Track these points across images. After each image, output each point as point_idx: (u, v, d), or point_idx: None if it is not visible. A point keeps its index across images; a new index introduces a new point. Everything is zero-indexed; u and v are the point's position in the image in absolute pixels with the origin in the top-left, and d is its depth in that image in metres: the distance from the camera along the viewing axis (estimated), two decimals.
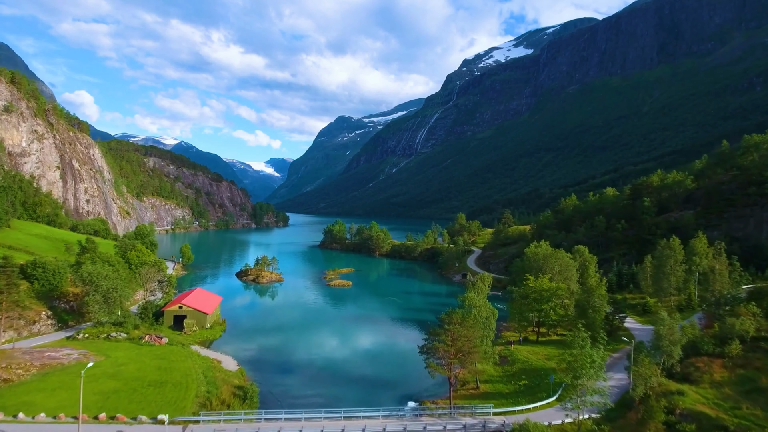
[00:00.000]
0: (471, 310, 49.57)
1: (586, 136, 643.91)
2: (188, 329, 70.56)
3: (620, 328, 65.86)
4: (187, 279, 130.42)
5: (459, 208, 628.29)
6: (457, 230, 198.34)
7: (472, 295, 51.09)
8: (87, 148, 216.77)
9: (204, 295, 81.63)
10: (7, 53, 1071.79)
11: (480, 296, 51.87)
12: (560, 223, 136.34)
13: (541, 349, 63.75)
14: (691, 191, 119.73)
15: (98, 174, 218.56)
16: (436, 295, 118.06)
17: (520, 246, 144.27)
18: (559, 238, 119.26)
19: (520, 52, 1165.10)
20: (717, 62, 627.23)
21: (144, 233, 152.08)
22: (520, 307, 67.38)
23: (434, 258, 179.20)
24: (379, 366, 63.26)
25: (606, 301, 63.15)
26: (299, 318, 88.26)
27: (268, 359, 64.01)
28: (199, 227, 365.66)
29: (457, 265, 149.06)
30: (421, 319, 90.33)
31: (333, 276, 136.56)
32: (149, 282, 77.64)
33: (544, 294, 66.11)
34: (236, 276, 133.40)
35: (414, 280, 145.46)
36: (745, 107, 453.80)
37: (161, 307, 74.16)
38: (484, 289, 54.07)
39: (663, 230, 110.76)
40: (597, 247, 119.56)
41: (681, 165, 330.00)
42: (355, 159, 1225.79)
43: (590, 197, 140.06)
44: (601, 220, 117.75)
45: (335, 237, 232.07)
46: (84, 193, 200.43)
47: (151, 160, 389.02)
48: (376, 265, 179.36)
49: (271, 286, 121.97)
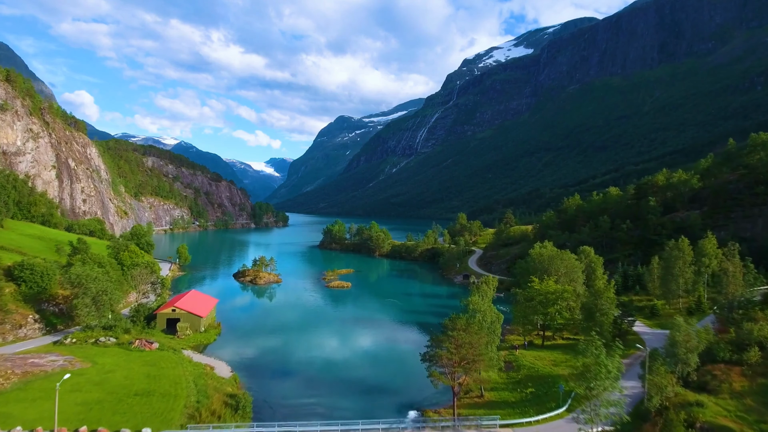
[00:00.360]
0: (475, 314, 47.03)
1: (587, 136, 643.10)
2: (181, 333, 68.11)
3: (629, 333, 63.43)
4: (184, 280, 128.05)
5: (459, 208, 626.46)
6: (458, 230, 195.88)
7: (477, 299, 48.44)
8: (84, 148, 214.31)
9: (199, 298, 79.16)
10: (7, 53, 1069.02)
11: (485, 300, 49.24)
12: (563, 223, 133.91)
13: (547, 354, 61.30)
14: (696, 191, 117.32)
15: (95, 173, 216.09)
16: (437, 296, 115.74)
17: (522, 246, 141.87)
18: (563, 239, 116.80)
19: (520, 52, 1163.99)
20: (718, 62, 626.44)
21: (140, 233, 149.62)
22: (525, 310, 64.87)
23: (435, 258, 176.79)
24: (378, 371, 60.85)
25: (614, 304, 60.66)
26: (297, 320, 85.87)
27: (263, 364, 61.56)
28: (198, 227, 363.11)
29: (459, 266, 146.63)
30: (423, 322, 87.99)
31: (332, 277, 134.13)
32: (142, 284, 75.18)
33: (550, 297, 63.62)
34: (234, 277, 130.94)
35: (414, 281, 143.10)
36: (746, 107, 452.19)
37: (154, 309, 71.72)
38: (488, 292, 51.27)
39: (669, 230, 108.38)
40: (601, 247, 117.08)
41: (682, 165, 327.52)
42: (355, 159, 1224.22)
43: (593, 197, 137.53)
44: (605, 220, 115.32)
45: (335, 237, 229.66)
46: (80, 193, 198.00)
47: (149, 159, 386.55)
48: (376, 265, 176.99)
49: (269, 288, 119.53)
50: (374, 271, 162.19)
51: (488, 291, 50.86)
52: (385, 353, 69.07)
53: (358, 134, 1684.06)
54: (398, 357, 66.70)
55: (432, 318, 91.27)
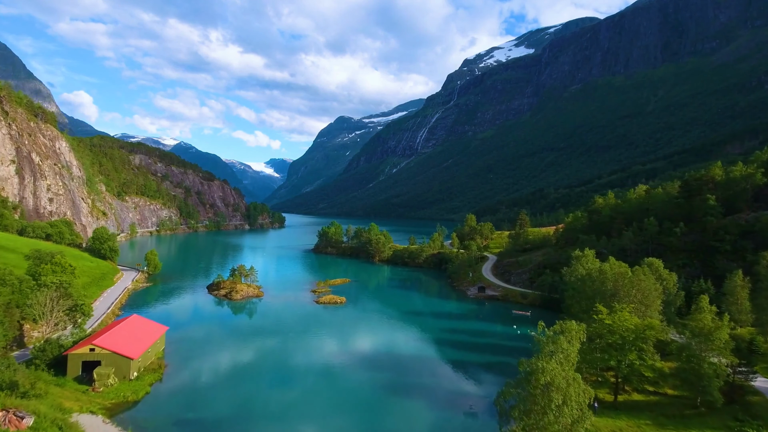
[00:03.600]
0: (551, 392, 26.83)
1: (590, 136, 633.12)
2: (100, 383, 47.99)
3: (748, 390, 43.65)
4: (151, 292, 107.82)
5: (460, 209, 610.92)
6: (466, 233, 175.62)
7: (553, 368, 27.20)
8: (51, 141, 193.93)
9: (137, 327, 59.05)
10: (4, 52, 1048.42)
11: (567, 369, 27.97)
12: (594, 225, 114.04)
13: (631, 422, 41.43)
14: (761, 187, 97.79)
15: (65, 170, 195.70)
16: (449, 316, 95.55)
17: (545, 253, 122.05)
18: (600, 245, 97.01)
19: (521, 52, 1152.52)
20: (722, 61, 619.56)
21: (102, 238, 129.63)
22: (589, 353, 45.06)
23: (441, 265, 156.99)
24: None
25: (730, 349, 40.97)
26: (269, 355, 65.74)
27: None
28: (187, 229, 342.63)
29: (471, 275, 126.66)
30: (432, 357, 68.11)
31: (323, 289, 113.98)
32: (56, 311, 55.14)
33: (627, 336, 43.84)
34: (208, 290, 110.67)
35: (420, 294, 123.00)
36: (754, 105, 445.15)
37: (67, 348, 51.59)
38: (572, 353, 29.03)
39: (733, 235, 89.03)
40: (645, 255, 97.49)
41: (693, 164, 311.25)
42: (355, 159, 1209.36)
43: (630, 194, 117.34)
44: (651, 222, 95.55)
45: (330, 240, 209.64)
46: (46, 191, 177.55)
47: (137, 157, 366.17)
48: (375, 273, 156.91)
49: (247, 303, 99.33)
50: (373, 281, 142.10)
51: (571, 351, 28.64)
52: (385, 406, 49.06)
53: (358, 135, 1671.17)
54: (404, 412, 46.93)
55: (446, 350, 71.32)
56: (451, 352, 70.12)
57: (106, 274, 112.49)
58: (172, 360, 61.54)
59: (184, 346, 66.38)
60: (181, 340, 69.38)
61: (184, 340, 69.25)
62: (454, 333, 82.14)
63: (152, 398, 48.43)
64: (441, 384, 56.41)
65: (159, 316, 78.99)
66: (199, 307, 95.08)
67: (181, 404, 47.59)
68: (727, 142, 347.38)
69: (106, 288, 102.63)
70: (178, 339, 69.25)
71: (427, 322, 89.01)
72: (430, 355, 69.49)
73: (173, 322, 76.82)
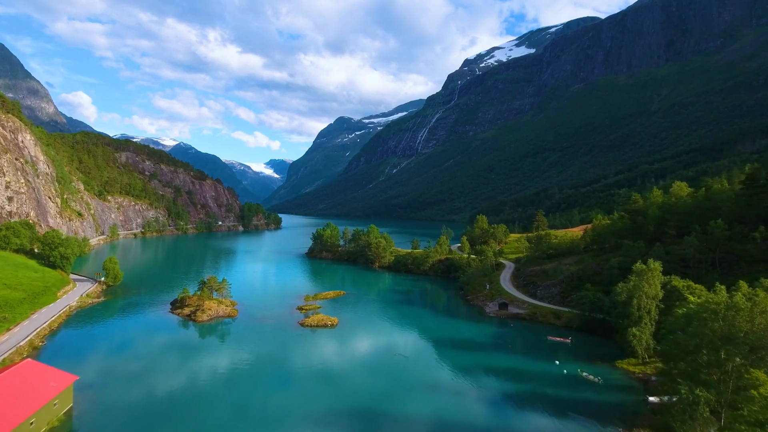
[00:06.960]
0: None
1: (593, 136, 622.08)
2: None
3: None
4: (99, 311, 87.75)
5: (462, 210, 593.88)
6: (478, 236, 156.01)
7: None
8: (13, 133, 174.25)
9: (22, 383, 39.64)
10: (2, 52, 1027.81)
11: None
12: (638, 228, 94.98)
13: None
14: None
15: (29, 166, 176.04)
16: (469, 346, 73.64)
17: (578, 261, 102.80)
18: (655, 253, 77.87)
19: (522, 52, 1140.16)
20: (727, 59, 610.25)
21: (53, 243, 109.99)
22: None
23: (450, 272, 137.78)
24: None
25: None
26: (227, 418, 46.43)
27: None
28: (175, 230, 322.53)
29: (488, 287, 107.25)
30: (456, 421, 48.69)
31: (312, 305, 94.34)
32: None
33: None
34: (171, 306, 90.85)
35: (429, 311, 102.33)
36: (761, 104, 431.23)
37: None
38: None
39: None
40: (711, 265, 78.68)
41: (702, 163, 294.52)
42: (355, 160, 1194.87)
43: (680, 191, 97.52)
44: (719, 224, 76.62)
45: (326, 244, 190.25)
46: (5, 189, 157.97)
47: (123, 154, 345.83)
48: (374, 282, 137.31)
49: (215, 325, 79.73)
50: (372, 292, 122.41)
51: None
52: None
53: (358, 135, 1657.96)
54: None
55: (476, 407, 51.57)
56: (481, 410, 50.67)
57: (49, 288, 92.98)
58: (83, 422, 42.41)
59: (107, 400, 46.93)
60: (103, 387, 49.95)
61: (108, 391, 49.70)
62: (478, 374, 61.40)
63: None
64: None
65: (83, 351, 59.71)
66: (151, 332, 74.95)
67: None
68: (738, 141, 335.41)
69: (43, 306, 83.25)
70: (100, 386, 49.91)
71: (443, 355, 69.18)
72: (452, 418, 49.68)
73: (100, 362, 57.47)
